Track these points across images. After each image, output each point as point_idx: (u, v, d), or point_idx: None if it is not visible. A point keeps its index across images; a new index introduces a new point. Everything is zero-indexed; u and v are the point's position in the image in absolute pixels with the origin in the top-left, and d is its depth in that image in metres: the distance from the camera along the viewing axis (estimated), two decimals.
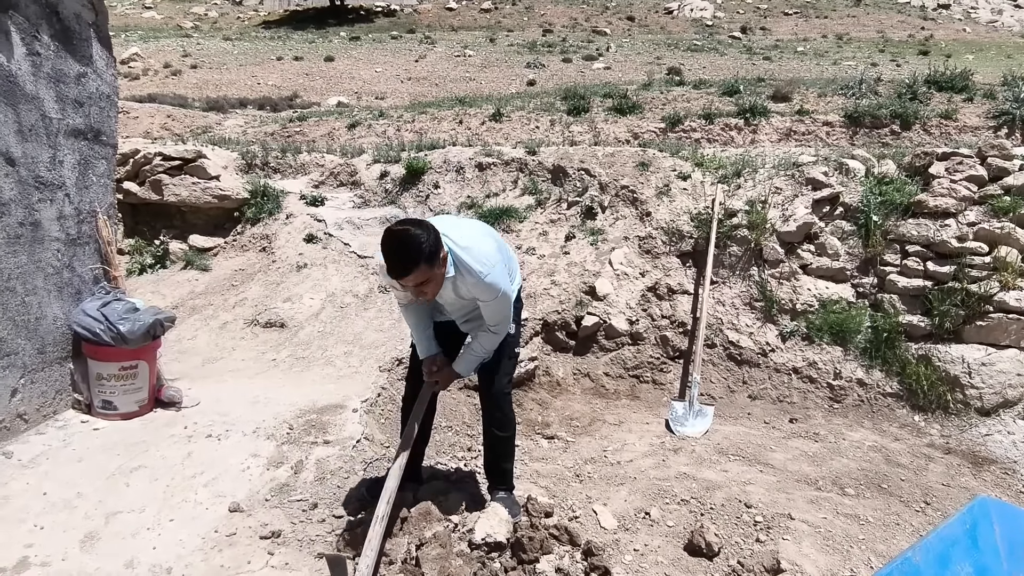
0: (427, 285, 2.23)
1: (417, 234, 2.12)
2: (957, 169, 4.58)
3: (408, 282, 2.19)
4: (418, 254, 2.11)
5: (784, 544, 2.68)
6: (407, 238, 2.11)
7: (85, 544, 2.42)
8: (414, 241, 2.11)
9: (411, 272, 2.14)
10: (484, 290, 2.34)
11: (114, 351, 3.23)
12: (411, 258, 2.11)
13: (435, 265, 2.18)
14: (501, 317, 2.48)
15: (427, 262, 2.13)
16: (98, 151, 3.53)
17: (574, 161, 5.79)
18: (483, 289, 2.34)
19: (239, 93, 19.11)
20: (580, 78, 18.67)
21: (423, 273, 2.16)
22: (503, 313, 2.47)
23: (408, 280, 2.17)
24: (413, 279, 2.17)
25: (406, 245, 2.11)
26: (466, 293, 2.40)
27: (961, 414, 4.04)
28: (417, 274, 2.15)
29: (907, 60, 21.07)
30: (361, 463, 3.14)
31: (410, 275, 2.14)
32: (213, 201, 5.76)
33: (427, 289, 2.25)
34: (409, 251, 2.11)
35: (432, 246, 2.14)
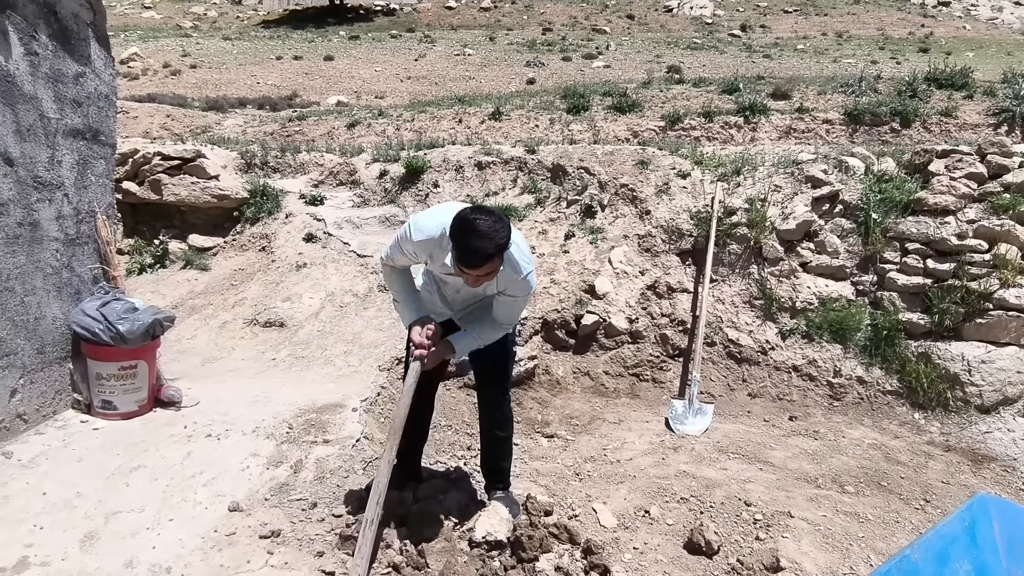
0: (488, 276, 2.22)
1: (499, 228, 2.10)
2: (957, 167, 4.58)
3: (480, 272, 2.16)
4: (499, 248, 2.11)
5: (784, 542, 2.68)
6: (491, 230, 2.08)
7: (85, 544, 2.41)
8: (498, 234, 2.09)
9: (488, 263, 2.12)
10: (520, 286, 2.34)
11: (113, 351, 3.23)
12: (494, 250, 2.10)
13: (502, 259, 2.19)
14: (516, 316, 2.48)
15: (500, 254, 2.14)
16: (97, 151, 3.53)
17: (573, 160, 5.78)
18: (519, 285, 2.34)
19: (238, 93, 19.11)
20: (580, 77, 18.67)
21: (495, 264, 2.15)
22: (519, 312, 2.48)
23: (481, 270, 2.15)
24: (486, 269, 2.15)
25: (490, 237, 2.08)
26: (494, 287, 2.37)
27: (961, 412, 4.04)
28: (490, 265, 2.14)
29: (907, 58, 21.05)
30: (361, 462, 3.13)
31: (484, 266, 2.13)
32: (212, 201, 5.76)
33: (487, 280, 2.24)
34: (493, 242, 2.09)
35: (507, 240, 2.15)
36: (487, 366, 2.68)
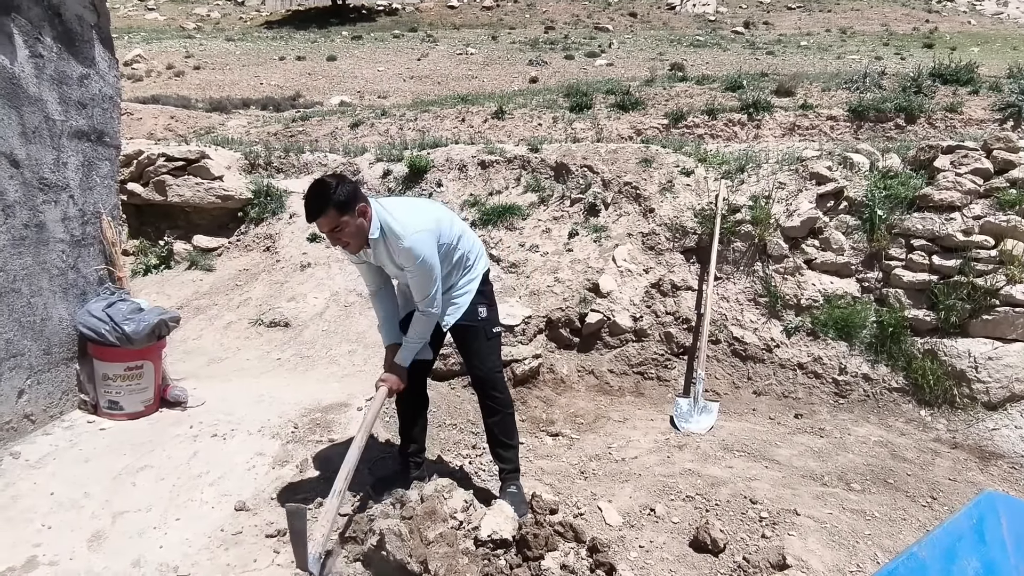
0: (343, 234, 2.38)
1: (329, 182, 2.34)
2: (962, 162, 4.55)
3: (322, 227, 2.37)
4: (327, 199, 2.30)
5: (790, 540, 2.67)
6: (320, 185, 2.34)
7: (92, 543, 2.43)
8: (325, 188, 2.32)
9: (321, 214, 2.31)
10: (404, 255, 2.44)
11: (119, 351, 3.25)
12: (321, 201, 2.30)
13: (347, 214, 2.34)
14: (424, 292, 2.52)
15: (337, 208, 2.31)
16: (101, 152, 3.54)
17: (577, 158, 5.78)
18: (403, 254, 2.44)
19: (242, 93, 19.17)
20: (582, 75, 18.65)
21: (333, 219, 2.32)
22: (425, 287, 2.51)
23: (321, 224, 2.35)
24: (325, 223, 2.34)
25: (317, 190, 2.33)
26: (394, 260, 2.51)
27: (968, 409, 4.02)
28: (328, 218, 2.32)
29: (911, 53, 20.96)
30: (366, 462, 3.13)
31: (320, 217, 2.32)
32: (217, 201, 5.78)
33: (345, 239, 2.40)
34: (319, 195, 2.31)
35: (345, 195, 2.33)
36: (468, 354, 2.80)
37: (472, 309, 2.72)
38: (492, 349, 2.83)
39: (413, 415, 2.95)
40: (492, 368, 2.81)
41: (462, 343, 2.82)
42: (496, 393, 2.80)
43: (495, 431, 2.84)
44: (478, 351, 2.77)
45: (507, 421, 2.84)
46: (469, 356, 2.82)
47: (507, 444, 2.85)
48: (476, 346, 2.77)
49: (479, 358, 2.78)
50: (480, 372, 2.79)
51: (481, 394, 2.84)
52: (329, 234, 2.40)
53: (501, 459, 2.87)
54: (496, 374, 2.83)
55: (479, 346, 2.77)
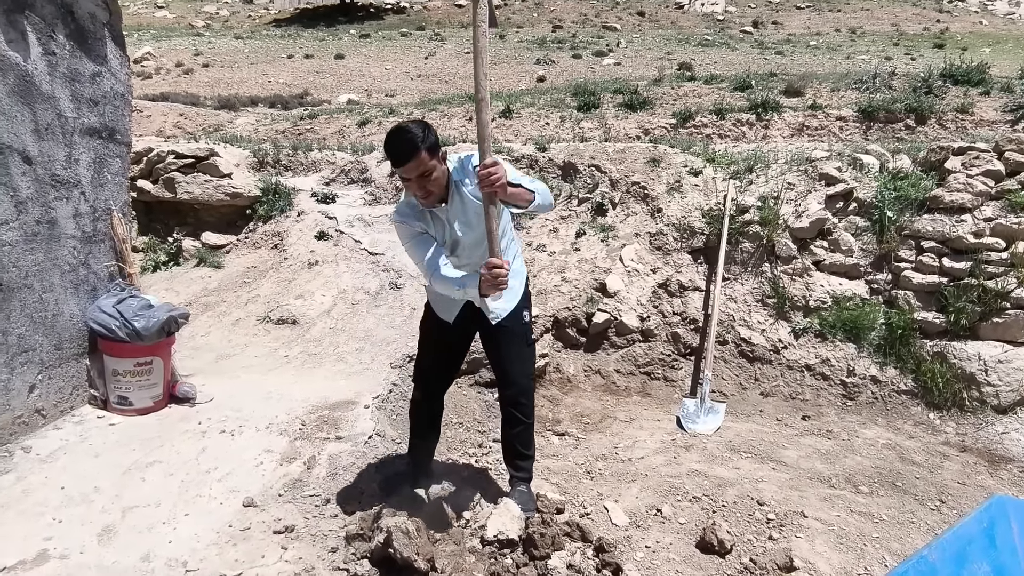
0: (430, 180, 2.27)
1: (414, 127, 2.28)
2: (973, 164, 4.52)
3: (411, 170, 2.24)
4: (417, 140, 2.22)
5: (797, 542, 2.67)
6: (406, 129, 2.27)
7: (102, 537, 2.44)
8: (412, 131, 2.25)
9: (412, 158, 2.21)
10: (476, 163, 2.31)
11: (129, 347, 3.27)
12: (413, 143, 2.22)
13: (435, 156, 2.27)
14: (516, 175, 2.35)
15: (427, 150, 2.24)
16: (112, 149, 3.57)
17: (584, 158, 5.77)
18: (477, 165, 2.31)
19: (250, 91, 19.25)
20: (590, 74, 18.63)
21: (423, 162, 2.23)
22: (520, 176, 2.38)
23: (410, 168, 2.23)
24: (415, 167, 2.23)
25: (404, 134, 2.25)
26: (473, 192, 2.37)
27: (977, 412, 4.00)
28: (418, 161, 2.22)
29: (922, 53, 20.83)
30: (373, 459, 3.15)
31: (411, 161, 2.22)
32: (225, 199, 5.80)
33: (430, 187, 2.29)
34: (409, 138, 2.23)
35: (431, 137, 2.27)
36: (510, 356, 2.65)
37: (518, 311, 2.62)
38: (530, 356, 2.76)
39: (430, 421, 2.92)
40: (528, 376, 2.72)
41: (500, 346, 2.66)
42: (524, 402, 2.71)
43: (515, 443, 2.77)
44: (518, 356, 2.66)
45: (529, 433, 2.77)
46: (506, 361, 2.66)
47: (525, 455, 2.80)
48: (516, 351, 2.65)
49: (518, 363, 2.66)
50: (515, 378, 2.67)
51: (510, 402, 2.71)
52: (418, 179, 2.26)
53: (516, 468, 2.81)
54: (530, 383, 2.75)
55: (519, 351, 2.66)
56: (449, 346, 2.74)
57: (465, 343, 2.79)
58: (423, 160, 2.23)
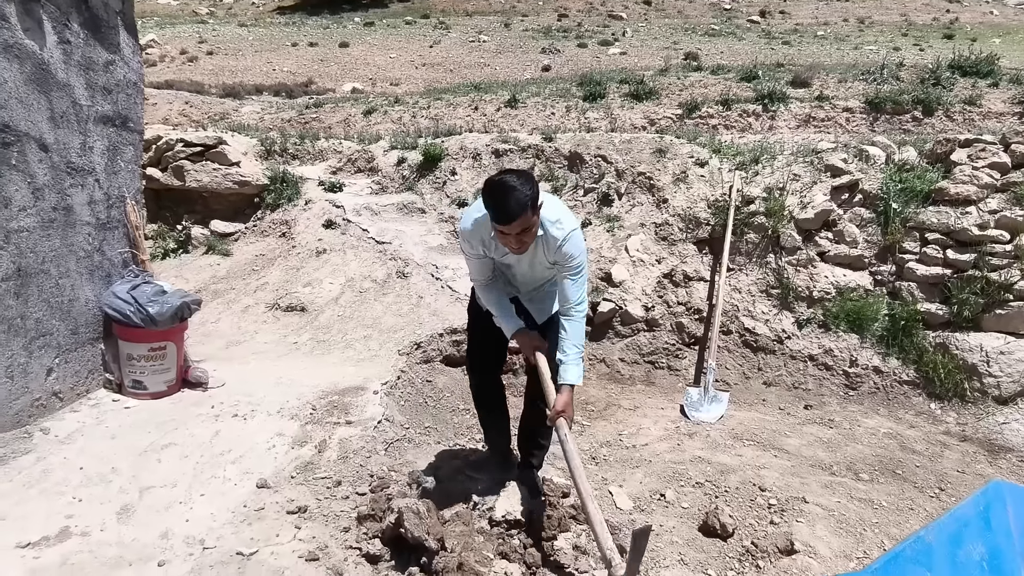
0: (526, 235, 2.30)
1: (522, 182, 2.24)
2: (979, 156, 4.53)
3: (514, 228, 2.25)
4: (526, 199, 2.21)
5: (798, 526, 2.73)
6: (516, 185, 2.22)
7: (122, 516, 2.52)
8: (521, 187, 2.22)
9: (518, 217, 2.21)
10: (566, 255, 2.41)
11: (144, 332, 3.33)
12: (520, 203, 2.20)
13: (536, 212, 2.29)
14: (578, 296, 2.49)
15: (532, 208, 2.25)
16: (126, 137, 3.61)
17: (591, 148, 5.79)
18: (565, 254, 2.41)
19: (255, 79, 19.23)
20: (596, 64, 18.55)
21: (527, 219, 2.25)
22: (581, 291, 2.50)
23: (514, 226, 2.24)
24: (519, 224, 2.24)
25: (516, 190, 2.21)
26: (546, 256, 2.46)
27: (978, 402, 4.04)
28: (523, 219, 2.23)
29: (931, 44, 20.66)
30: (382, 443, 3.22)
31: (516, 220, 2.22)
32: (234, 187, 5.85)
33: (525, 239, 2.32)
34: (519, 196, 2.21)
35: (535, 193, 2.26)
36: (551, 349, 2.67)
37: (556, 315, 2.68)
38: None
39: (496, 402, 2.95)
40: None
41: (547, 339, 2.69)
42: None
43: (537, 436, 2.83)
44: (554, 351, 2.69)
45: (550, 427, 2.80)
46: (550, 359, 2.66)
47: (542, 446, 2.88)
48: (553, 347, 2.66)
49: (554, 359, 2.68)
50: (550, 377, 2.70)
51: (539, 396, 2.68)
52: (518, 236, 2.28)
53: (532, 456, 2.87)
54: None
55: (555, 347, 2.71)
56: (494, 330, 2.77)
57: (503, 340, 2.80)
58: (528, 218, 2.25)
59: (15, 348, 2.90)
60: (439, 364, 4.30)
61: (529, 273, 2.60)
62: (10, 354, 2.87)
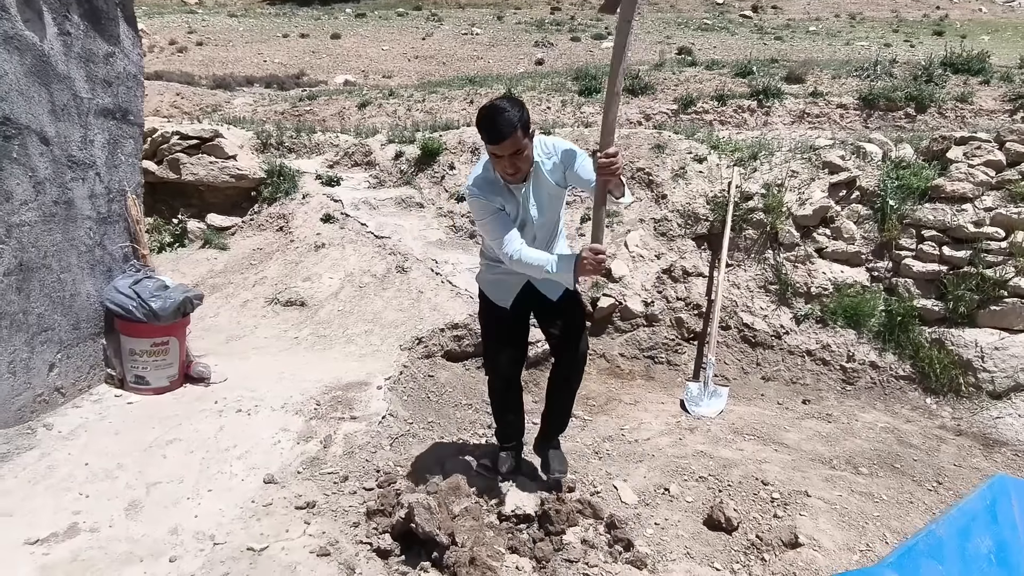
0: (520, 157, 2.36)
1: (508, 106, 2.32)
2: (975, 154, 4.59)
3: (506, 148, 2.31)
4: (515, 119, 2.28)
5: (801, 520, 2.76)
6: (502, 107, 2.31)
7: (130, 512, 2.51)
8: (508, 110, 2.30)
9: (509, 136, 2.28)
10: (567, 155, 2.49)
11: (146, 327, 3.31)
12: (510, 121, 2.27)
13: (527, 135, 2.34)
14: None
15: (522, 129, 2.31)
16: (126, 131, 3.57)
17: (589, 143, 5.79)
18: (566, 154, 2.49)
19: (245, 71, 19.06)
20: (589, 57, 18.52)
21: (518, 140, 2.30)
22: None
23: (506, 146, 2.30)
24: (511, 144, 2.30)
25: (506, 111, 2.29)
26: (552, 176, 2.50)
27: (973, 397, 4.11)
28: (514, 139, 2.29)
29: (921, 41, 20.82)
30: (387, 438, 3.22)
31: (507, 139, 2.28)
32: (231, 180, 5.81)
33: (520, 164, 2.38)
34: (507, 117, 2.28)
35: (525, 116, 2.33)
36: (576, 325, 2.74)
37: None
38: (584, 324, 2.86)
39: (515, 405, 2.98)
40: (587, 343, 2.85)
41: (562, 317, 2.73)
42: (582, 370, 2.84)
43: (565, 414, 2.93)
44: (582, 325, 2.77)
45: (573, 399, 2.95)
46: (573, 331, 2.73)
47: (566, 420, 2.99)
48: (580, 320, 2.76)
49: (579, 331, 2.75)
50: (580, 347, 2.76)
51: (571, 371, 2.79)
52: (511, 157, 2.34)
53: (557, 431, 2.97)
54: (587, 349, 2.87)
55: (582, 320, 2.79)
56: (511, 329, 2.81)
57: (525, 322, 2.85)
58: (518, 138, 2.30)
59: (17, 344, 2.87)
60: (440, 359, 4.31)
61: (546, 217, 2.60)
62: (12, 350, 2.85)
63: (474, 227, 5.53)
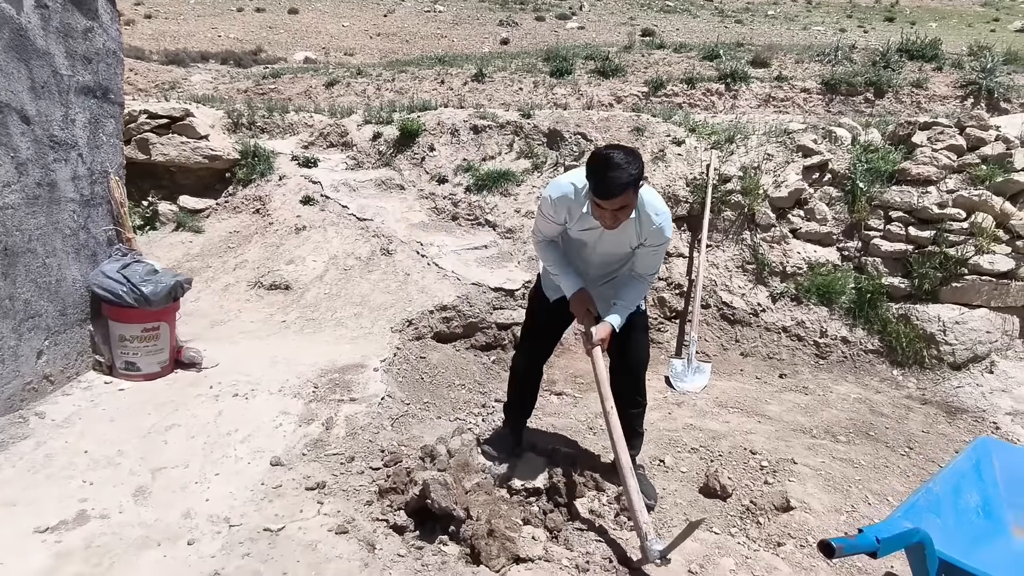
0: (623, 212, 2.32)
1: (631, 160, 2.24)
2: (938, 139, 4.83)
3: (613, 204, 2.26)
4: (631, 178, 2.22)
5: (790, 485, 2.93)
6: (622, 163, 2.22)
7: (138, 497, 2.49)
8: (630, 165, 2.22)
9: (621, 194, 2.23)
10: (657, 234, 2.46)
11: (136, 313, 3.24)
12: (625, 181, 2.21)
13: (636, 192, 2.31)
14: (657, 265, 2.60)
15: (635, 186, 2.26)
16: (107, 109, 3.45)
17: (570, 125, 5.85)
18: (656, 233, 2.46)
19: (199, 46, 18.33)
20: (554, 38, 18.47)
21: (629, 196, 2.26)
22: (659, 263, 2.60)
23: (615, 202, 2.25)
24: (620, 201, 2.25)
25: (622, 168, 2.21)
26: (634, 238, 2.48)
27: (935, 368, 4.38)
28: (625, 196, 2.24)
29: (874, 27, 21.46)
30: (388, 419, 3.25)
31: (619, 196, 2.23)
32: (204, 161, 5.65)
33: (622, 216, 2.34)
34: (625, 172, 2.21)
35: (640, 172, 2.27)
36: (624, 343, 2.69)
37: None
38: (647, 341, 2.86)
39: (531, 387, 3.00)
40: (645, 361, 2.83)
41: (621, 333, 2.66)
42: (642, 385, 2.84)
43: (634, 423, 2.85)
44: (638, 341, 2.75)
45: (643, 414, 2.92)
46: (627, 346, 2.72)
47: (639, 433, 2.92)
48: (636, 336, 2.73)
49: (638, 348, 2.75)
50: (635, 363, 2.77)
51: (630, 385, 2.79)
52: (614, 212, 2.29)
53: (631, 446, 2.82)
54: (645, 369, 2.85)
55: (638, 336, 2.75)
56: (548, 322, 2.85)
57: (564, 322, 2.86)
58: (629, 196, 2.26)
59: (5, 331, 2.78)
60: (431, 341, 4.34)
61: (608, 253, 2.59)
62: (0, 337, 2.76)
63: (457, 209, 5.54)
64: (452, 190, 5.66)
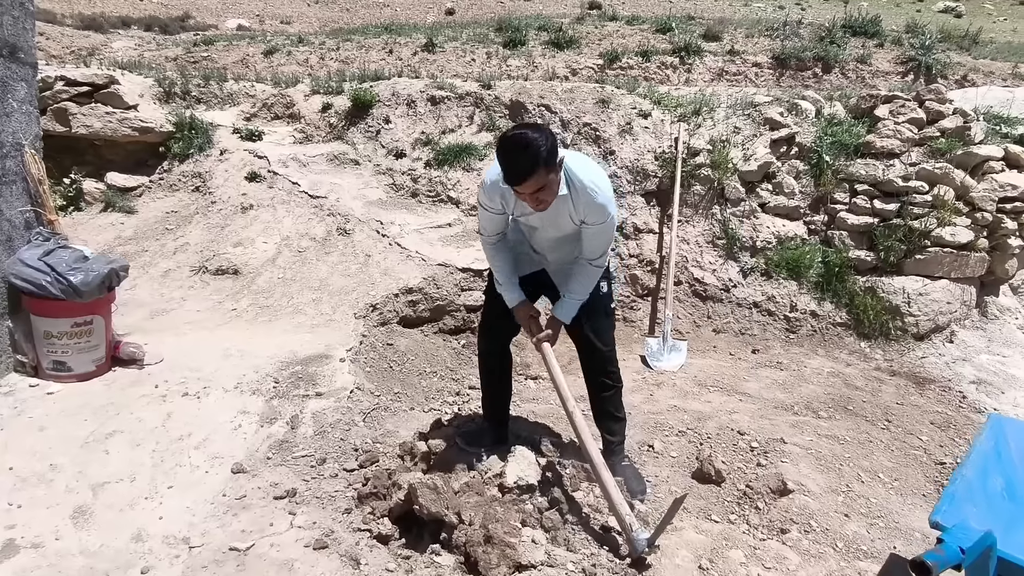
0: (544, 192, 2.14)
1: (535, 137, 2.04)
2: (900, 112, 4.85)
3: (527, 188, 2.09)
4: (537, 156, 2.03)
5: (784, 466, 2.87)
6: (527, 140, 2.03)
7: (77, 520, 2.17)
8: (533, 143, 2.03)
9: (531, 176, 2.05)
10: (596, 211, 2.26)
11: (65, 305, 2.85)
12: (531, 161, 2.03)
13: (552, 170, 2.11)
14: (603, 247, 2.39)
15: (546, 165, 2.06)
16: (16, 71, 2.98)
17: (533, 97, 5.60)
18: (595, 210, 2.25)
19: (118, 11, 16.99)
20: (500, 8, 18.01)
21: (541, 178, 2.08)
22: (606, 242, 2.40)
23: (527, 186, 2.08)
24: (532, 184, 2.08)
25: (526, 147, 2.03)
26: (573, 217, 2.29)
27: (900, 339, 4.44)
28: (536, 178, 2.07)
29: (811, 4, 21.89)
30: (359, 414, 3.01)
31: (529, 179, 2.06)
32: (133, 134, 5.11)
33: (544, 197, 2.15)
34: (528, 153, 2.02)
35: (550, 149, 2.06)
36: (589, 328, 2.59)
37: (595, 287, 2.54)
38: (610, 326, 2.72)
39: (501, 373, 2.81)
40: (609, 345, 2.69)
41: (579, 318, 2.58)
42: (612, 369, 2.71)
43: (607, 406, 2.74)
44: (599, 327, 2.62)
45: (618, 396, 2.76)
46: (590, 333, 2.62)
47: (618, 417, 2.77)
48: (596, 322, 2.61)
49: (598, 334, 2.62)
50: (598, 349, 2.65)
51: (596, 370, 2.70)
52: (532, 195, 2.12)
53: (611, 432, 2.75)
54: (612, 352, 2.71)
55: (598, 322, 2.62)
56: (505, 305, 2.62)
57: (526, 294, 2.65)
58: (542, 176, 2.07)
59: None
60: (397, 326, 4.08)
61: (555, 236, 2.44)
62: None
63: (417, 185, 5.24)
64: (411, 165, 5.34)
